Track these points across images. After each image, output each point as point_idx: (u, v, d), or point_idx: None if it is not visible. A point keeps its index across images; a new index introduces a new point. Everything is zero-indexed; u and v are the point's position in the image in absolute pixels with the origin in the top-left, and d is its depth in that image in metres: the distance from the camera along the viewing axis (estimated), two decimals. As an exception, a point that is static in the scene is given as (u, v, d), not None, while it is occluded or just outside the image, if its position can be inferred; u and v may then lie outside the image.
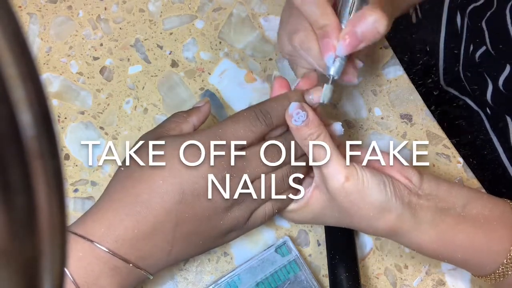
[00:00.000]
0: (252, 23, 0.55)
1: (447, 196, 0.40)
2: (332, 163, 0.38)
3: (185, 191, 0.37)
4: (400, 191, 0.39)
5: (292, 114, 0.38)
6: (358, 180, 0.38)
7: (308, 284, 0.45)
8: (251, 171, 0.38)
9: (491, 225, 0.39)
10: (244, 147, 0.39)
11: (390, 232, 0.39)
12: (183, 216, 0.37)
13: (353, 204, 0.38)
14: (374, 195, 0.38)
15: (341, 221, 0.41)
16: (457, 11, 0.64)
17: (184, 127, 0.41)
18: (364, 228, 0.41)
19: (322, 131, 0.38)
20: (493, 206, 0.40)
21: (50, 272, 0.14)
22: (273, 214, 0.41)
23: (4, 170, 0.12)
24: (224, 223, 0.39)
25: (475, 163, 0.62)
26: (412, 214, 0.39)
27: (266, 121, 0.39)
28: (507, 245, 0.39)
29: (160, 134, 0.40)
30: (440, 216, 0.39)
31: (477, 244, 0.39)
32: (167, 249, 0.38)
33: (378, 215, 0.38)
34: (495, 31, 0.54)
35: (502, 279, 0.39)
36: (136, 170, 0.38)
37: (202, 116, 0.43)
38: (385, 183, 0.38)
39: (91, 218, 0.37)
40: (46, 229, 0.13)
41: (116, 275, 0.37)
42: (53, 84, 0.52)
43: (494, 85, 0.56)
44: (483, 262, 0.40)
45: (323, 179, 0.39)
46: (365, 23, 0.37)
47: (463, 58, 0.64)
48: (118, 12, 0.55)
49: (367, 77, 0.54)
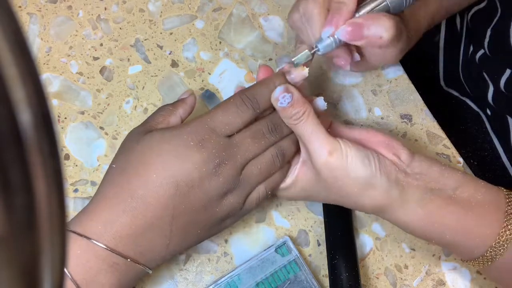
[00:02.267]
0: (252, 23, 0.55)
1: (439, 177, 0.40)
2: (316, 139, 0.38)
3: (179, 183, 0.37)
4: (386, 167, 0.39)
5: (278, 97, 0.39)
6: (341, 155, 0.38)
7: (308, 284, 0.45)
8: (241, 155, 0.39)
9: (482, 209, 0.39)
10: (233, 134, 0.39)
11: (376, 209, 0.40)
12: (179, 208, 0.37)
13: (337, 179, 0.38)
14: (358, 170, 0.38)
15: (329, 197, 0.41)
16: (457, 13, 0.64)
17: (171, 119, 0.41)
18: (351, 204, 0.41)
19: (307, 108, 0.39)
20: (486, 191, 0.40)
21: (50, 272, 0.14)
22: (267, 195, 0.41)
23: (4, 170, 0.12)
24: (220, 211, 0.39)
25: (476, 163, 0.62)
26: (399, 191, 0.38)
27: (253, 105, 0.39)
28: (496, 228, 0.38)
29: (149, 128, 0.40)
30: (429, 196, 0.39)
31: (466, 226, 0.39)
32: (165, 242, 0.38)
33: (362, 191, 0.38)
34: (496, 38, 0.54)
35: (490, 263, 0.39)
36: (129, 166, 0.38)
37: (188, 107, 0.43)
38: (369, 159, 0.38)
39: (87, 216, 0.38)
40: (46, 228, 0.13)
41: (115, 271, 0.37)
42: (53, 84, 0.52)
43: (495, 87, 0.56)
44: (472, 244, 0.39)
45: (309, 155, 0.40)
46: (375, 23, 0.39)
47: (462, 60, 0.64)
48: (118, 12, 0.55)
49: (367, 77, 0.54)
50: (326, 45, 0.41)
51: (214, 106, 0.52)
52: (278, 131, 0.40)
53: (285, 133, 0.41)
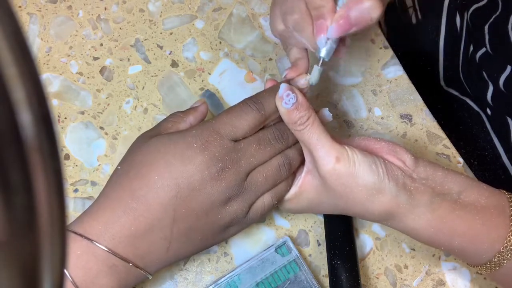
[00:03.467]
0: (252, 23, 0.55)
1: (443, 182, 0.39)
2: (322, 146, 0.38)
3: (181, 185, 0.37)
4: (393, 172, 0.38)
5: (282, 96, 0.38)
6: (349, 161, 0.37)
7: (308, 284, 0.45)
8: (246, 161, 0.38)
9: (488, 213, 0.38)
10: (239, 139, 0.39)
11: (385, 215, 0.39)
12: (180, 211, 0.37)
13: (345, 186, 0.38)
14: (366, 176, 0.37)
15: (336, 207, 0.40)
16: (456, 12, 0.64)
17: (181, 126, 0.41)
18: (359, 213, 0.40)
19: (312, 114, 0.39)
20: (489, 195, 0.39)
21: (50, 272, 0.14)
22: (273, 205, 0.41)
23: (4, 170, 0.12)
24: (222, 217, 0.38)
25: (476, 163, 0.62)
26: (408, 196, 0.38)
27: (257, 106, 0.39)
28: (504, 232, 0.38)
29: (157, 132, 0.40)
30: (437, 201, 0.38)
31: (475, 231, 0.38)
32: (165, 246, 0.38)
33: (371, 197, 0.38)
34: (496, 34, 0.54)
35: (498, 269, 0.39)
36: (132, 168, 0.38)
37: (199, 115, 0.43)
38: (376, 164, 0.38)
39: (89, 216, 0.37)
40: (46, 229, 0.13)
41: (114, 273, 0.37)
42: (53, 84, 0.52)
43: (495, 86, 0.56)
44: (480, 249, 0.39)
45: (314, 163, 0.39)
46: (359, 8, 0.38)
47: (462, 59, 0.64)
48: (118, 12, 0.55)
49: (367, 77, 0.54)
50: (328, 51, 0.40)
51: (214, 106, 0.52)
52: (284, 139, 0.40)
53: (291, 142, 0.41)
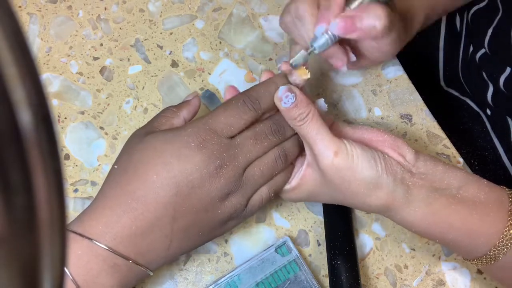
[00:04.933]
0: (252, 23, 0.55)
1: (443, 177, 0.40)
2: (321, 140, 0.38)
3: (180, 184, 0.37)
4: (392, 167, 0.39)
5: (282, 97, 0.39)
6: (347, 155, 0.38)
7: (308, 284, 0.45)
8: (243, 157, 0.38)
9: (486, 208, 0.39)
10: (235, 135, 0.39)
11: (382, 208, 0.39)
12: (180, 209, 0.37)
13: (343, 180, 0.38)
14: (365, 171, 0.38)
15: (334, 198, 0.41)
16: (456, 13, 0.64)
17: (174, 121, 0.41)
18: (357, 205, 0.41)
19: (311, 109, 0.39)
20: (489, 190, 0.40)
21: (50, 272, 0.14)
22: (270, 197, 0.41)
23: (4, 170, 0.12)
24: (221, 213, 0.39)
25: (476, 163, 0.62)
26: (405, 191, 0.38)
27: (255, 106, 0.39)
28: (500, 227, 0.38)
29: (151, 129, 0.40)
30: (434, 195, 0.39)
31: (470, 226, 0.39)
32: (166, 243, 0.38)
33: (369, 191, 0.38)
34: (497, 36, 0.54)
35: (493, 262, 0.39)
36: (129, 167, 0.38)
37: (192, 109, 0.43)
38: (375, 159, 0.38)
39: (88, 216, 0.37)
40: (46, 228, 0.13)
41: (116, 272, 0.37)
42: (53, 84, 0.52)
43: (495, 86, 0.56)
44: (475, 243, 0.39)
45: (314, 157, 0.39)
46: (366, 14, 0.39)
47: (462, 59, 0.64)
48: (118, 12, 0.55)
49: (367, 77, 0.54)
50: (322, 43, 0.40)
51: (214, 106, 0.52)
52: (281, 133, 0.40)
53: (288, 135, 0.41)
